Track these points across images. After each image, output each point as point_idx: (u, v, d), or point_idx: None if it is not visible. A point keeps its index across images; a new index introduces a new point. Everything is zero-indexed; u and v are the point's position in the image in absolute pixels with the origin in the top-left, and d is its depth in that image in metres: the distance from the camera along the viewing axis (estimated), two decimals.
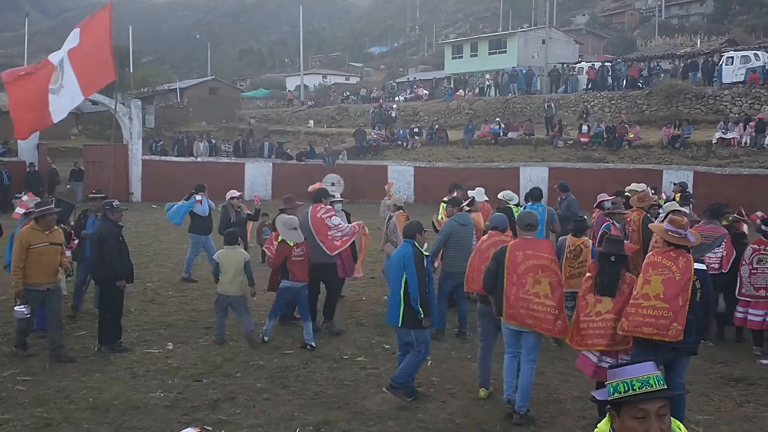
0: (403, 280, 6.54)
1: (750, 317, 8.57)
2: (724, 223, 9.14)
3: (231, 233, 8.97)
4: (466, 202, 10.65)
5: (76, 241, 9.78)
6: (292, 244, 8.47)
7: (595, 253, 8.20)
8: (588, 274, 6.40)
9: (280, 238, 8.61)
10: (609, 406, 2.59)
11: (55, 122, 11.25)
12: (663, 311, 5.54)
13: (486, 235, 7.63)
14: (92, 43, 11.28)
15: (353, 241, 9.62)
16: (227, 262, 8.49)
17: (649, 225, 7.20)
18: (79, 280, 9.94)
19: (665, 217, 9.29)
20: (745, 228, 9.41)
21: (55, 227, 8.06)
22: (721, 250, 8.84)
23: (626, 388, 2.46)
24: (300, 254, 8.52)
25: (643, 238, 9.47)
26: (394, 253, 7.06)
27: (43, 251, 7.75)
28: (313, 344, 8.46)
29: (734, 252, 8.81)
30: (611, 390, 2.50)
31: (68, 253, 9.66)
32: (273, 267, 8.87)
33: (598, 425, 2.67)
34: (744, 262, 8.63)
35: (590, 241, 9.03)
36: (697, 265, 5.72)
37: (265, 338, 8.63)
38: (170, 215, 12.32)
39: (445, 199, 10.80)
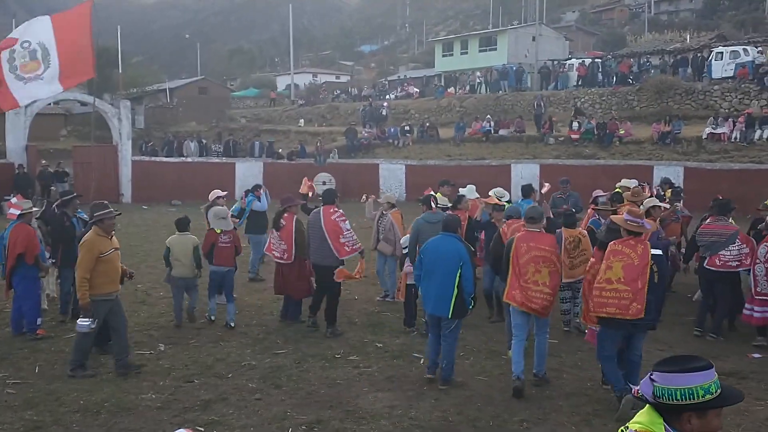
0: (459, 274, 6.91)
1: None
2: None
3: (181, 221, 9.54)
4: (454, 200, 10.66)
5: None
6: (219, 231, 9.42)
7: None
8: (592, 260, 7.04)
9: (210, 227, 9.53)
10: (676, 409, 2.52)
11: (21, 106, 11.46)
12: (624, 293, 6.27)
13: (505, 225, 8.67)
14: (73, 37, 11.23)
15: None
16: (179, 247, 9.28)
17: (611, 217, 7.58)
18: (67, 285, 9.82)
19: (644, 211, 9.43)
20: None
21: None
22: (737, 247, 8.82)
23: (716, 388, 2.50)
24: (226, 241, 9.45)
25: None
26: (441, 248, 7.14)
27: (112, 258, 7.37)
28: (233, 324, 9.29)
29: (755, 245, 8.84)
30: (701, 392, 2.47)
31: (48, 255, 9.63)
32: (204, 253, 9.46)
33: (639, 421, 2.57)
34: (758, 260, 8.55)
35: (584, 231, 9.16)
36: (653, 251, 6.38)
37: (212, 317, 9.49)
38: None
39: (419, 198, 10.75)
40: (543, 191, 12.43)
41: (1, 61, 10.90)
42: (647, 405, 2.59)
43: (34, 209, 9.63)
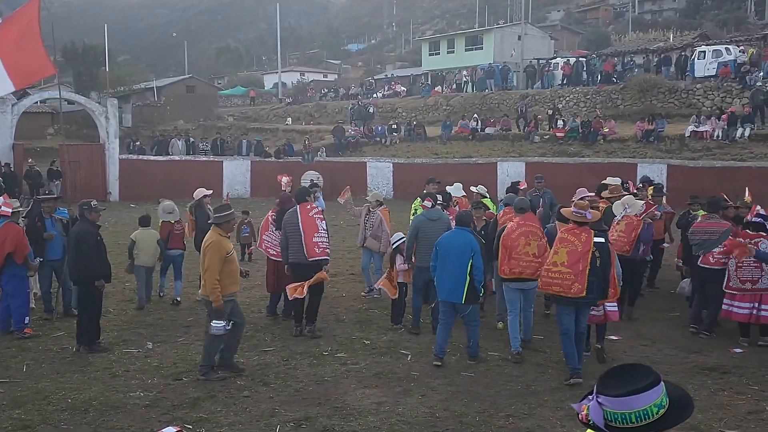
0: (470, 263, 7.59)
1: (735, 309, 8.59)
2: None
3: (145, 218, 10.81)
4: (441, 199, 10.75)
5: None
6: (173, 222, 10.91)
7: None
8: None
9: (161, 220, 11.03)
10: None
11: None
12: (566, 275, 7.15)
13: (502, 212, 9.60)
14: (21, 35, 11.21)
15: None
16: (143, 241, 10.50)
17: (562, 210, 8.20)
18: (45, 284, 9.84)
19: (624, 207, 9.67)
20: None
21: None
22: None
23: (667, 399, 2.33)
24: (179, 229, 10.99)
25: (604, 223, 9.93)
26: (454, 240, 7.81)
27: (234, 258, 7.40)
28: (179, 299, 10.68)
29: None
30: (655, 410, 2.28)
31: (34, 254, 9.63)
32: (163, 239, 10.71)
33: None
34: (731, 256, 8.63)
35: None
36: (596, 239, 7.23)
37: (161, 294, 11.10)
38: None
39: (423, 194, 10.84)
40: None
41: None
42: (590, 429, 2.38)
43: (21, 208, 9.61)
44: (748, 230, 8.71)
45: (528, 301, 8.40)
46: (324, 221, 9.05)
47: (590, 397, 2.38)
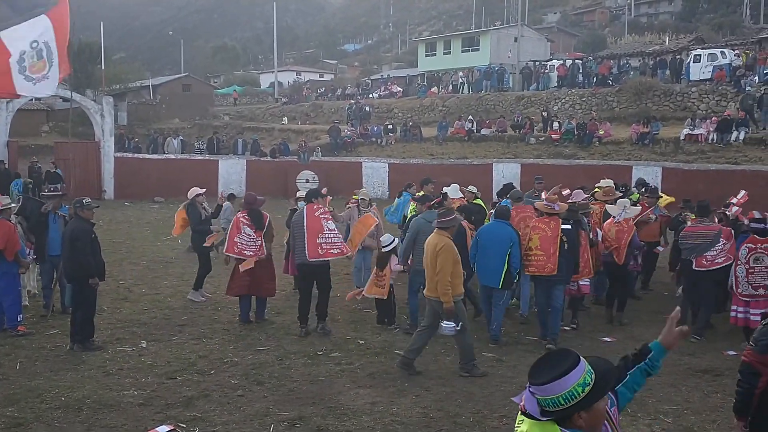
0: (509, 253, 8.46)
1: (752, 317, 8.44)
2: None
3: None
4: (436, 199, 10.74)
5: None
6: None
7: None
8: None
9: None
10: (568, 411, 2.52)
11: (20, 97, 11.85)
12: (541, 257, 8.52)
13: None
14: (62, 34, 11.23)
15: None
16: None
17: (535, 204, 9.19)
18: (45, 279, 9.84)
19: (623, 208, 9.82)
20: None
21: None
22: (721, 245, 8.91)
23: (591, 376, 2.51)
24: None
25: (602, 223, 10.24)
26: (495, 231, 8.71)
27: (459, 260, 7.45)
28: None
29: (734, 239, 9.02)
30: (580, 390, 2.47)
31: (28, 251, 9.61)
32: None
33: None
34: (740, 262, 8.53)
35: None
36: (564, 226, 8.55)
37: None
38: (390, 217, 12.50)
39: (418, 194, 10.79)
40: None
41: (10, 63, 10.92)
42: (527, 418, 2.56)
43: (13, 205, 9.57)
44: (756, 236, 8.62)
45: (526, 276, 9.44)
46: (330, 221, 9.02)
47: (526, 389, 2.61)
